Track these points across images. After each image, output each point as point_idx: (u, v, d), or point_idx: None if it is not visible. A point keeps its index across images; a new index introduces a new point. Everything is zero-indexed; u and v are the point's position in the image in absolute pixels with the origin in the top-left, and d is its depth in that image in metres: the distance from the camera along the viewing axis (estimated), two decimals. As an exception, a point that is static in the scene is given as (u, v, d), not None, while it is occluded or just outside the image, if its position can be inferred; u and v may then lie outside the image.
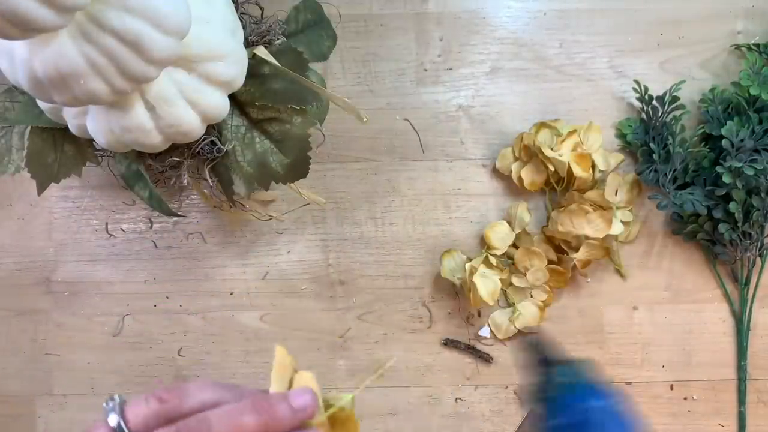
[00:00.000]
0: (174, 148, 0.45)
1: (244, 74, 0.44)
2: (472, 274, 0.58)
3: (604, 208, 0.59)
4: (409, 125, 0.62)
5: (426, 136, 0.62)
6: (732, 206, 0.57)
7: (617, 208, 0.60)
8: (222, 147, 0.45)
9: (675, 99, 0.58)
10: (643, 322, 0.62)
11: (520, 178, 0.61)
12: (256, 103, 0.45)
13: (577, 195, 0.60)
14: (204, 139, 0.45)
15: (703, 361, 0.62)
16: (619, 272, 0.62)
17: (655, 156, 0.58)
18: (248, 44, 0.46)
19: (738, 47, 0.62)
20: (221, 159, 0.47)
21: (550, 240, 0.62)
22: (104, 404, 0.28)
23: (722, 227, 0.58)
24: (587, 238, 0.58)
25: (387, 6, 0.62)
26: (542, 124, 0.60)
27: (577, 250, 0.59)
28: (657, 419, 0.62)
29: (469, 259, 0.60)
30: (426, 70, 0.62)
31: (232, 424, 0.28)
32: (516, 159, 0.61)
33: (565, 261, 0.61)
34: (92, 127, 0.41)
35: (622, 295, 0.62)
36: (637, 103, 0.61)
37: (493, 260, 0.60)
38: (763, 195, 0.57)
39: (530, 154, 0.60)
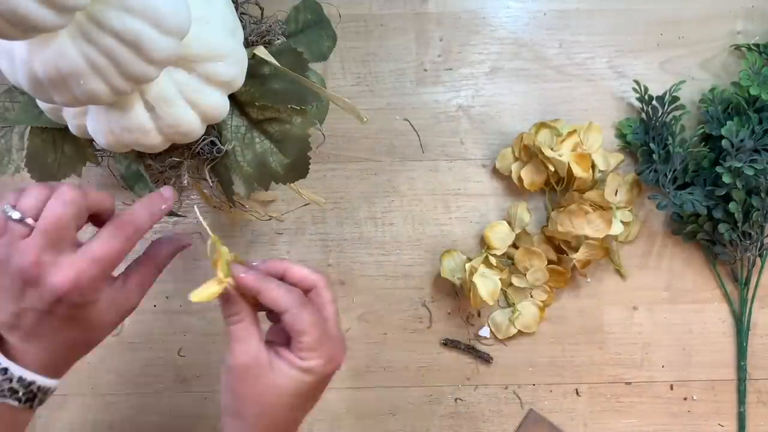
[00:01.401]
0: (174, 148, 0.45)
1: (244, 74, 0.44)
2: (472, 274, 0.58)
3: (604, 208, 0.59)
4: (409, 125, 0.62)
5: (426, 136, 0.62)
6: (732, 206, 0.57)
7: (617, 208, 0.60)
8: (222, 147, 0.45)
9: (675, 99, 0.58)
10: (643, 322, 0.62)
11: (520, 178, 0.61)
12: (256, 103, 0.45)
13: (577, 195, 0.60)
14: (204, 140, 0.45)
15: (703, 361, 0.62)
16: (618, 272, 0.62)
17: (655, 156, 0.58)
18: (248, 44, 0.46)
19: (738, 47, 0.62)
20: (221, 159, 0.47)
21: (550, 240, 0.62)
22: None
23: (722, 227, 0.58)
24: (587, 238, 0.58)
25: (387, 6, 0.62)
26: (542, 124, 0.60)
27: (577, 250, 0.59)
28: (657, 419, 0.62)
29: (469, 259, 0.60)
30: (426, 70, 0.62)
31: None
32: (516, 159, 0.61)
33: (565, 261, 0.61)
34: (92, 127, 0.41)
35: (622, 295, 0.62)
36: (637, 103, 0.61)
37: (493, 260, 0.60)
38: (763, 195, 0.57)
39: (530, 154, 0.60)
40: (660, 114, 0.59)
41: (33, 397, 0.41)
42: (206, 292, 0.40)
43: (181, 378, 0.62)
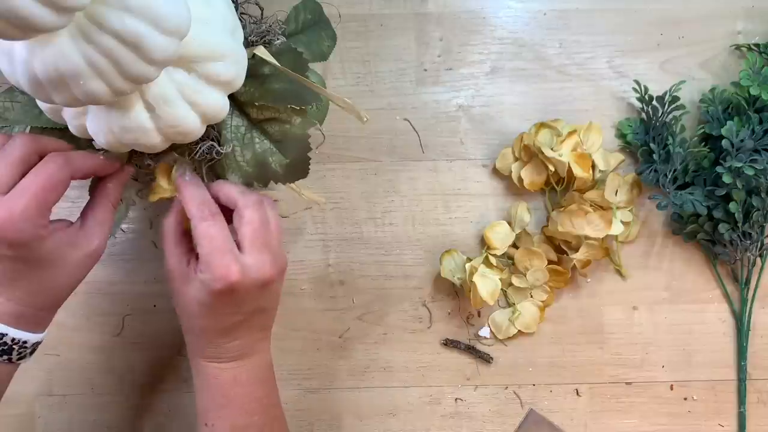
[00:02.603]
0: (173, 148, 0.45)
1: (244, 74, 0.44)
2: (472, 274, 0.58)
3: (604, 208, 0.59)
4: (409, 125, 0.62)
5: (426, 136, 0.62)
6: (732, 206, 0.57)
7: (617, 208, 0.60)
8: (221, 150, 0.45)
9: (675, 99, 0.58)
10: (643, 322, 0.62)
11: (520, 178, 0.61)
12: (256, 103, 0.45)
13: (577, 195, 0.60)
14: (203, 143, 0.45)
15: (703, 362, 0.62)
16: (619, 272, 0.62)
17: (655, 156, 0.58)
18: (248, 44, 0.46)
19: (738, 47, 0.62)
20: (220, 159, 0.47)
21: (550, 240, 0.62)
22: None
23: (722, 227, 0.58)
24: (587, 238, 0.58)
25: (387, 6, 0.62)
26: (542, 124, 0.60)
27: (577, 250, 0.59)
28: (657, 419, 0.62)
29: (469, 259, 0.60)
30: (426, 70, 0.62)
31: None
32: (516, 159, 0.61)
33: (565, 261, 0.61)
34: (92, 128, 0.41)
35: (622, 295, 0.62)
36: (637, 103, 0.61)
37: (493, 260, 0.60)
38: (763, 195, 0.57)
39: (530, 154, 0.60)
40: (660, 114, 0.59)
41: (9, 350, 0.41)
42: (156, 195, 0.46)
43: (181, 378, 0.62)
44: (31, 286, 0.41)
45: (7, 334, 0.41)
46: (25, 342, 0.42)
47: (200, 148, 0.45)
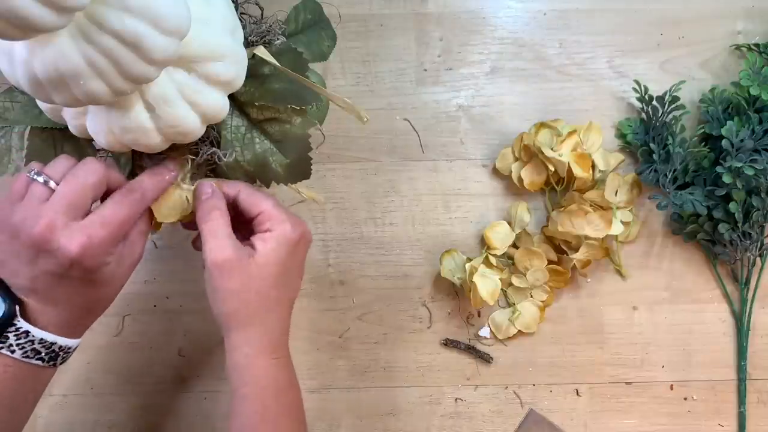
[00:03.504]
0: (174, 148, 0.45)
1: (244, 74, 0.44)
2: (472, 274, 0.58)
3: (604, 208, 0.59)
4: (409, 125, 0.62)
5: (426, 136, 0.62)
6: (732, 206, 0.57)
7: (617, 208, 0.60)
8: (224, 157, 0.45)
9: (675, 99, 0.58)
10: (643, 322, 0.62)
11: (520, 178, 0.61)
12: (256, 103, 0.45)
13: (577, 195, 0.60)
14: (204, 145, 0.45)
15: (703, 362, 0.62)
16: (619, 272, 0.62)
17: (655, 156, 0.58)
18: (248, 44, 0.46)
19: (738, 47, 0.62)
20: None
21: (550, 240, 0.62)
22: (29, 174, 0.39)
23: (722, 227, 0.58)
24: (587, 238, 0.58)
25: (387, 6, 0.62)
26: (542, 124, 0.60)
27: (577, 250, 0.59)
28: (657, 419, 0.62)
29: (469, 259, 0.60)
30: (426, 70, 0.62)
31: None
32: (516, 159, 0.61)
33: (565, 261, 0.61)
34: (92, 128, 0.41)
35: (622, 295, 0.62)
36: (637, 103, 0.61)
37: (493, 260, 0.60)
38: (763, 195, 0.57)
39: (530, 154, 0.60)
40: (660, 114, 0.59)
41: (55, 356, 0.43)
42: (170, 201, 0.45)
43: (181, 378, 0.62)
44: (82, 301, 0.42)
45: (56, 342, 0.42)
46: (69, 348, 0.44)
47: (203, 154, 0.45)
